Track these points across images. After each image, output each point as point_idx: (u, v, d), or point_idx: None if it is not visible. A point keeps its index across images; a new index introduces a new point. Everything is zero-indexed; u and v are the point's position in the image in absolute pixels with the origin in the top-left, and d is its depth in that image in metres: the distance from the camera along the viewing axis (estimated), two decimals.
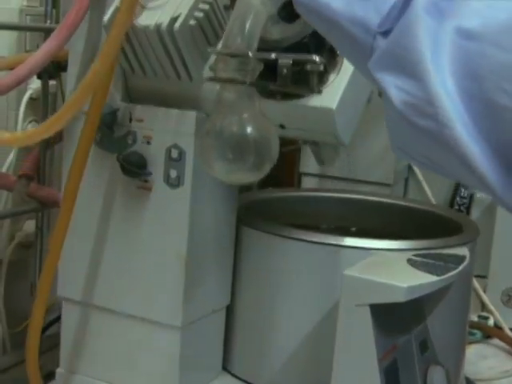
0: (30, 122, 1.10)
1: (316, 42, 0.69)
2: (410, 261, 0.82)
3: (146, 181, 0.81)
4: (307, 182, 1.40)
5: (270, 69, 0.69)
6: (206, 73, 0.75)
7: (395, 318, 0.80)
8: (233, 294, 0.90)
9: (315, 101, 0.75)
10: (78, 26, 0.77)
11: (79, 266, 0.86)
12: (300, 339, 0.87)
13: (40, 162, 1.02)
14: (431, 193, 1.38)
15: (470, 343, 1.18)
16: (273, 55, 0.69)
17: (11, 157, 1.08)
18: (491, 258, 1.28)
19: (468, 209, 1.37)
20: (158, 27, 0.76)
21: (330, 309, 0.82)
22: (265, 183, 1.55)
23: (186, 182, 0.79)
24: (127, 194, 0.83)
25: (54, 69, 0.95)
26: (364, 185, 1.34)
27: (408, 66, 0.47)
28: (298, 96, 0.76)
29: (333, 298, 0.81)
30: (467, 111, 0.44)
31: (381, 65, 0.49)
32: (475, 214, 1.36)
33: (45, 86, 1.01)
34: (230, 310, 0.91)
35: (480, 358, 1.18)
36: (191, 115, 0.79)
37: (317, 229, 1.06)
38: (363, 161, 1.35)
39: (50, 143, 1.01)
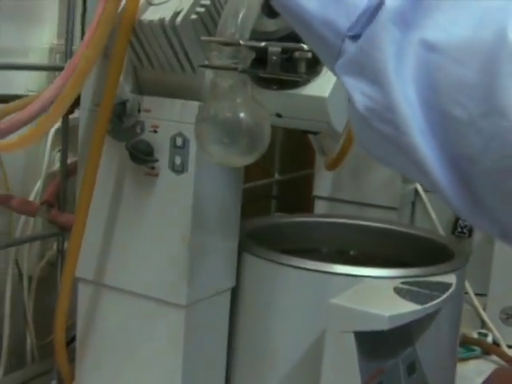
0: (58, 151, 1.15)
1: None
2: (396, 289, 0.86)
3: (152, 167, 0.86)
4: (320, 205, 1.46)
5: (261, 57, 0.74)
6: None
7: (381, 343, 0.84)
8: (232, 316, 0.95)
9: (309, 90, 0.79)
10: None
11: (92, 248, 0.91)
12: (295, 362, 0.91)
13: (60, 190, 1.07)
14: (436, 215, 1.43)
15: (469, 359, 1.26)
16: (263, 43, 0.73)
17: (39, 184, 1.15)
18: (491, 277, 1.33)
19: (470, 230, 1.42)
20: (161, 21, 0.81)
21: (321, 334, 0.86)
22: (282, 206, 1.61)
23: (189, 169, 0.84)
24: (136, 179, 0.88)
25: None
26: (372, 208, 1.41)
27: (371, 73, 0.48)
28: (293, 85, 0.80)
29: (324, 324, 0.85)
30: (426, 120, 0.46)
31: (347, 68, 0.51)
32: (477, 234, 1.41)
33: (64, 120, 1.06)
34: (230, 333, 0.96)
35: (478, 373, 1.23)
36: (194, 105, 0.83)
37: (318, 252, 1.12)
38: (370, 185, 1.41)
39: (69, 173, 1.06)
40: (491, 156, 0.43)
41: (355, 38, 0.50)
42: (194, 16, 0.81)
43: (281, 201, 1.66)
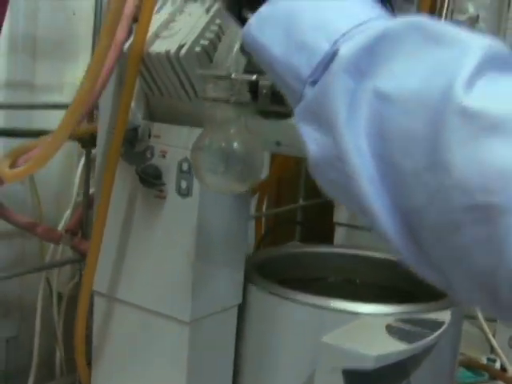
0: None
1: None
2: (388, 327, 0.88)
3: (161, 190, 0.91)
4: (340, 232, 1.49)
5: (253, 89, 0.78)
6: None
7: (374, 378, 0.86)
8: (239, 335, 0.99)
9: None
10: (90, 103, 0.86)
11: (106, 263, 0.96)
12: None
13: (83, 218, 1.14)
14: None
15: None
16: (254, 77, 0.77)
17: (68, 212, 1.23)
18: None
19: None
20: (167, 54, 0.86)
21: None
22: (306, 232, 1.64)
23: (194, 193, 0.89)
24: (146, 201, 0.93)
25: (93, 139, 1.05)
26: None
27: (324, 122, 0.49)
28: (289, 115, 0.83)
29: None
30: (377, 170, 0.46)
31: (303, 115, 0.52)
32: None
33: (87, 154, 1.14)
34: (237, 353, 1.00)
35: None
36: (199, 132, 0.88)
37: (324, 281, 1.16)
38: None
39: (91, 203, 1.12)
40: (435, 210, 0.43)
41: (314, 83, 0.51)
42: (197, 48, 0.86)
43: (305, 227, 1.69)
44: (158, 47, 0.87)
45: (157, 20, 0.89)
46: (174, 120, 0.92)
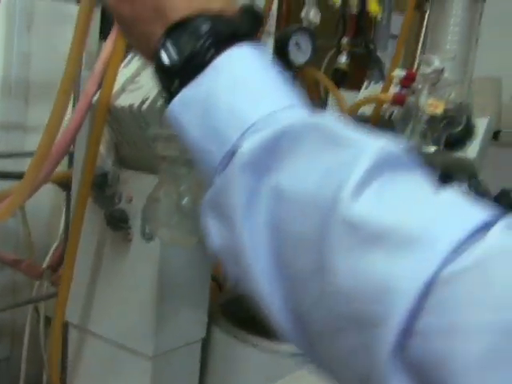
0: None
1: None
2: None
3: (127, 233, 0.98)
4: None
5: None
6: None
7: None
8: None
9: None
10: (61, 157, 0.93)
11: (78, 297, 1.03)
12: None
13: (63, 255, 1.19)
14: None
15: None
16: None
17: (53, 247, 1.27)
18: None
19: None
20: (130, 107, 0.92)
21: None
22: None
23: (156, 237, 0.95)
24: (114, 242, 0.99)
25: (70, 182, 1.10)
26: None
27: (225, 215, 0.49)
28: None
29: None
30: (272, 268, 0.46)
31: (209, 202, 0.52)
32: None
33: (67, 196, 1.19)
34: None
35: None
36: None
37: None
38: None
39: None
40: (320, 314, 0.44)
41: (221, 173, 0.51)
42: (159, 103, 0.92)
43: None
44: (123, 101, 0.94)
45: (124, 74, 0.96)
46: (141, 167, 0.98)
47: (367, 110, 1.33)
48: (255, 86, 0.53)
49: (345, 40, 1.60)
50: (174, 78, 0.56)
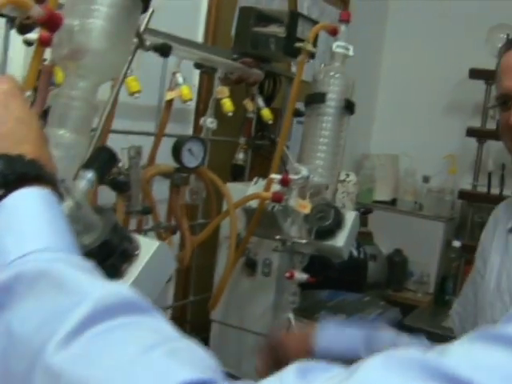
0: None
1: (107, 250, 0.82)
2: None
3: None
4: (215, 327, 1.78)
5: None
6: None
7: None
8: None
9: None
10: None
11: None
12: None
13: None
14: None
15: None
16: None
17: None
18: None
19: None
20: None
21: None
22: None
23: None
24: None
25: None
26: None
27: None
28: None
29: None
30: None
31: None
32: None
33: None
34: None
35: None
36: None
37: None
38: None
39: None
40: None
41: None
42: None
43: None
44: None
45: None
46: None
47: (253, 202, 1.54)
48: (24, 227, 0.59)
49: (242, 140, 1.83)
50: None
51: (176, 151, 1.42)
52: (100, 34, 0.81)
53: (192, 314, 1.89)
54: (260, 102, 1.75)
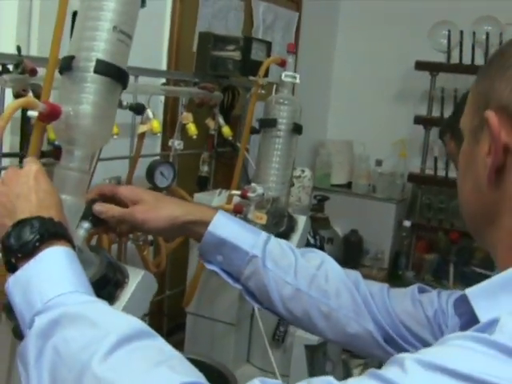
0: None
1: (104, 282, 1.01)
2: None
3: None
4: (190, 319, 1.99)
5: None
6: None
7: None
8: None
9: None
10: None
11: None
12: None
13: None
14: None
15: None
16: None
17: None
18: None
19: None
20: None
21: None
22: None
23: None
24: None
25: None
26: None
27: (24, 363, 0.74)
28: None
29: None
30: None
31: (18, 354, 0.77)
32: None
33: None
34: None
35: None
36: None
37: None
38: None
39: None
40: None
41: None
42: None
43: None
44: None
45: None
46: None
47: None
48: (57, 275, 0.79)
49: (205, 154, 2.07)
50: (11, 257, 0.81)
51: (150, 174, 1.67)
52: (89, 116, 1.02)
53: (168, 307, 2.11)
54: (221, 120, 1.98)
